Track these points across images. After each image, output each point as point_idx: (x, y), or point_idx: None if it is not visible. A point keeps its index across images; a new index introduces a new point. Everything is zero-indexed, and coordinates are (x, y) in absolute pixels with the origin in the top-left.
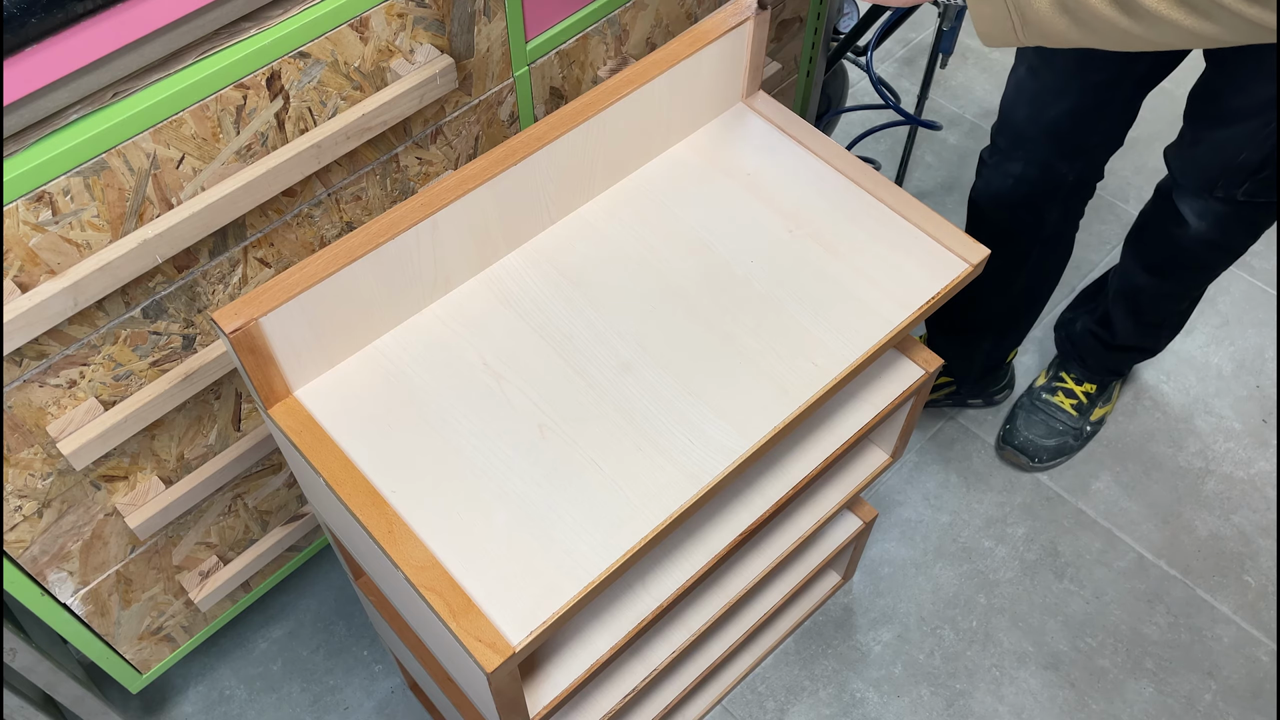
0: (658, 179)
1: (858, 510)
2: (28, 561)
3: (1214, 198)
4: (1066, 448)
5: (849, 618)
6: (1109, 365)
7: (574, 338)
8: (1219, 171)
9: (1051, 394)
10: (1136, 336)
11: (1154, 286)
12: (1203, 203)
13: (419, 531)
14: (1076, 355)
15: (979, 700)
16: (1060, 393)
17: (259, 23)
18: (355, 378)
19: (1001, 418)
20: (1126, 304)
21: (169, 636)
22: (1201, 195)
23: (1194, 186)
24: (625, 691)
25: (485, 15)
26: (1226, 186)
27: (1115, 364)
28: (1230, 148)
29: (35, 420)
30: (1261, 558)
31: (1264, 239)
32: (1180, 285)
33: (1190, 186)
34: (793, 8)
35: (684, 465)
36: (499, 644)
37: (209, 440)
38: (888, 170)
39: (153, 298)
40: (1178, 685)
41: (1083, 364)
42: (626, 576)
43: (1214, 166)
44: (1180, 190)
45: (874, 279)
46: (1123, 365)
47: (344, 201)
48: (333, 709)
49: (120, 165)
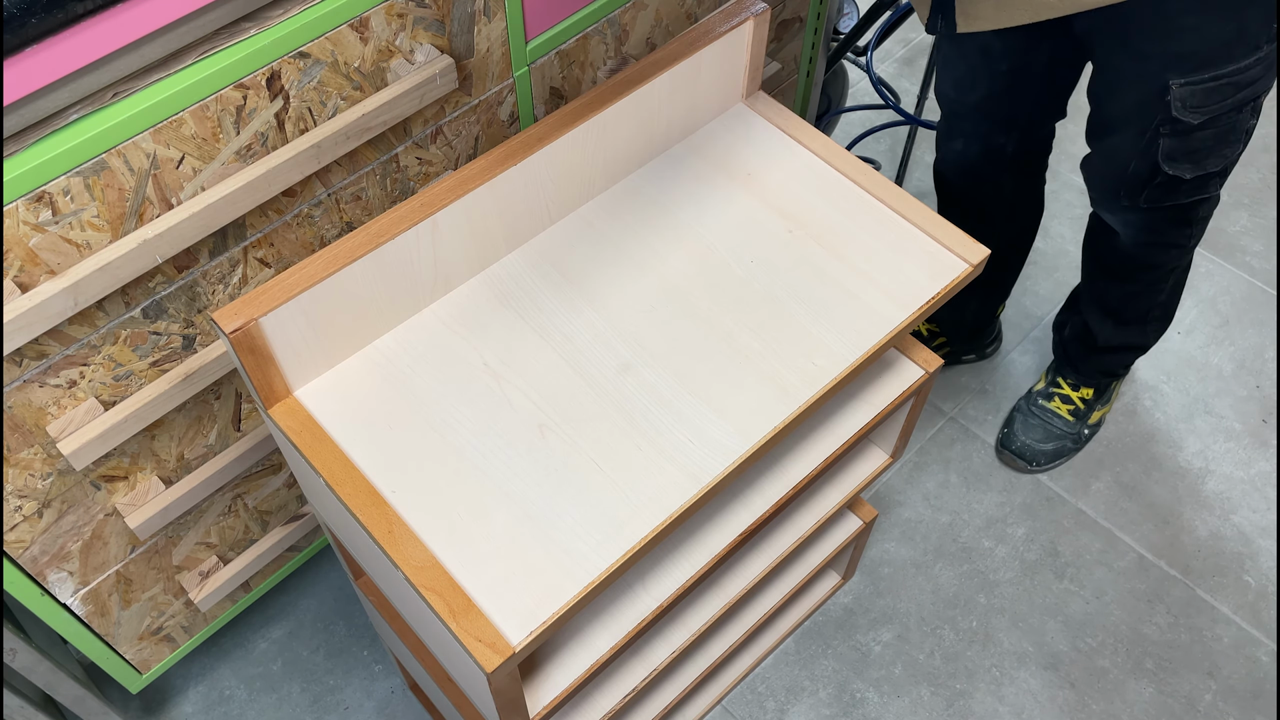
0: (658, 179)
1: (858, 510)
2: (28, 561)
3: (1122, 206)
4: (1064, 451)
5: (849, 618)
6: (1100, 368)
7: (574, 338)
8: (1116, 181)
9: (1048, 399)
10: (1121, 336)
11: (1119, 288)
12: (1118, 213)
13: (419, 531)
14: (1069, 360)
15: (979, 700)
16: (1057, 398)
17: (259, 23)
18: (355, 378)
19: (1001, 416)
20: (1100, 308)
21: (169, 636)
22: (1111, 206)
23: (1101, 197)
24: (625, 691)
25: (485, 15)
26: (1130, 195)
27: (1107, 365)
28: (1118, 157)
29: (35, 420)
30: (1261, 558)
31: (1264, 239)
32: (1142, 284)
33: (1099, 198)
34: (793, 8)
35: (684, 465)
36: (499, 644)
37: (209, 440)
38: (888, 170)
39: (153, 298)
40: (1178, 685)
41: (1076, 370)
42: (626, 576)
43: (1110, 176)
44: (1095, 201)
45: (874, 279)
46: (1115, 366)
47: (344, 201)
48: (333, 709)
49: (120, 165)
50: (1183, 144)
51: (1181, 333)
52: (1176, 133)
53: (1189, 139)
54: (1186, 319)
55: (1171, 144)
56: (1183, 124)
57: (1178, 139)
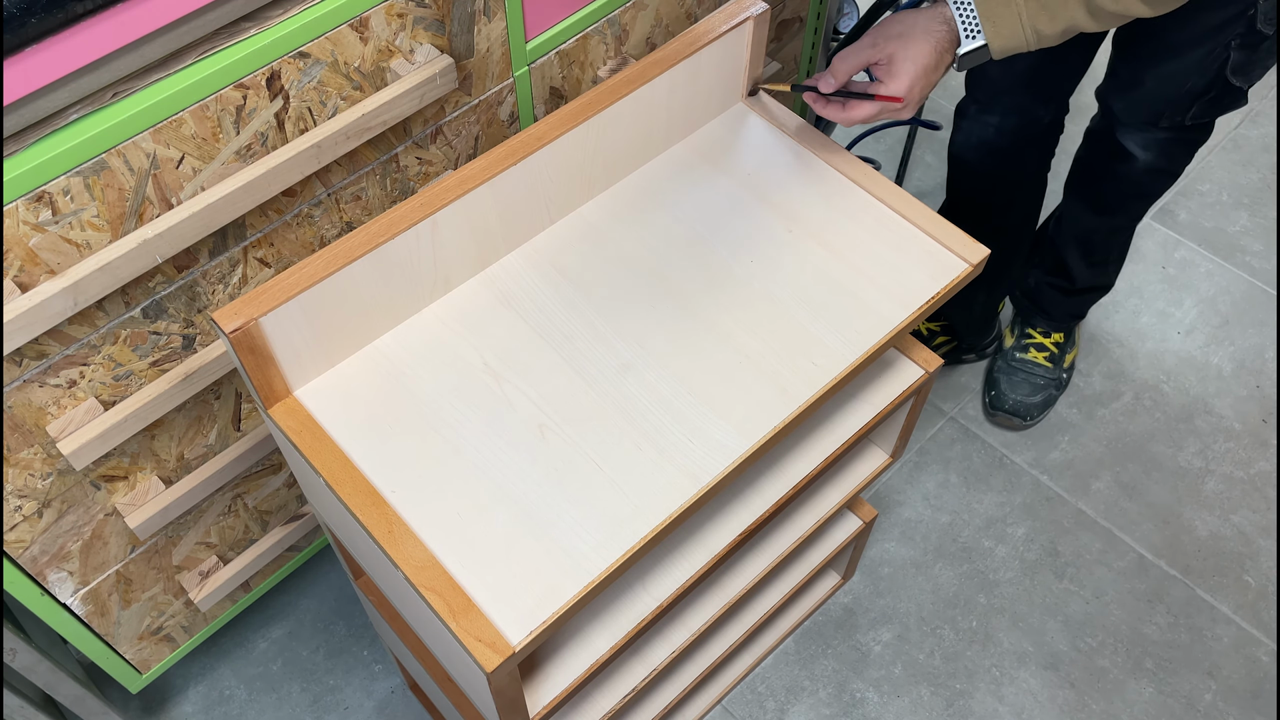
0: (658, 179)
1: (858, 510)
2: (28, 561)
3: (1159, 128)
4: (1051, 400)
5: (849, 618)
6: (1071, 311)
7: (574, 338)
8: (1164, 104)
9: (1024, 351)
10: (1091, 277)
11: (1104, 224)
12: (1147, 134)
13: (419, 531)
14: (1039, 309)
15: (979, 700)
16: (1032, 348)
17: (259, 23)
18: (355, 378)
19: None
20: (1079, 247)
21: (169, 636)
22: (1145, 128)
23: (1138, 122)
24: (625, 691)
25: (485, 15)
26: (1172, 115)
27: (1076, 308)
28: (1177, 79)
29: (35, 420)
30: (1261, 558)
31: (1264, 239)
32: (1126, 217)
33: (1134, 123)
34: (793, 8)
35: (684, 465)
36: (499, 644)
37: (209, 440)
38: (888, 170)
39: (153, 298)
40: (1178, 685)
41: (1047, 316)
42: (626, 576)
43: (1159, 100)
44: (1124, 127)
45: (874, 279)
46: (1082, 308)
47: (344, 201)
48: (333, 709)
49: (120, 165)
50: (1249, 57)
51: (1181, 333)
52: (1247, 45)
53: (1255, 51)
54: (1186, 319)
55: (1240, 57)
56: (1257, 35)
57: (1246, 51)
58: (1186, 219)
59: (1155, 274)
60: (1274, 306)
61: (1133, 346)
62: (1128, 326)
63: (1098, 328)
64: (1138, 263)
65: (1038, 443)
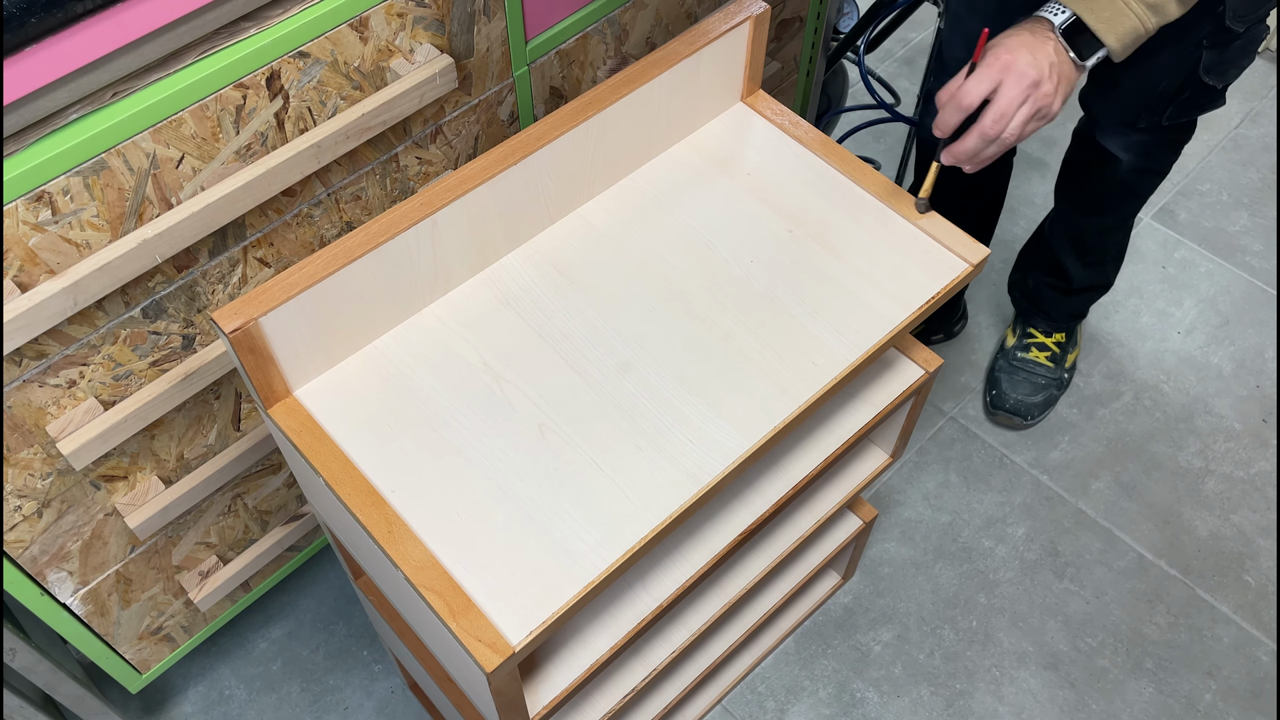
0: (658, 179)
1: (858, 510)
2: (27, 561)
3: (1137, 130)
4: (1052, 399)
5: (849, 618)
6: (1070, 310)
7: (574, 338)
8: (1140, 105)
9: (1025, 351)
10: (1089, 277)
11: (1094, 224)
12: (1127, 137)
13: (419, 531)
14: (1038, 310)
15: (979, 700)
16: (1034, 348)
17: (259, 22)
18: (355, 378)
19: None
20: (1074, 248)
21: (169, 636)
22: (1124, 130)
23: (1116, 124)
24: (625, 691)
25: (485, 15)
26: (1149, 116)
27: (1076, 308)
28: (1151, 78)
29: (35, 420)
30: (1261, 558)
31: (1264, 239)
32: (1117, 217)
33: (1112, 124)
34: (793, 8)
35: (684, 465)
36: (499, 644)
37: (209, 440)
38: (888, 170)
39: (152, 298)
40: (1178, 685)
41: (1047, 317)
42: (626, 576)
43: (1135, 101)
44: (1103, 129)
45: (874, 279)
46: (1084, 307)
47: (344, 201)
48: (333, 709)
49: (120, 165)
50: (1220, 56)
51: (1181, 333)
52: (1217, 44)
53: (1226, 50)
54: (1186, 319)
55: (1211, 56)
56: (1227, 34)
57: (1217, 50)
58: (1186, 219)
59: (1155, 274)
60: (1274, 306)
61: (1133, 346)
62: (1128, 326)
63: (1098, 327)
64: (1138, 263)
65: (1038, 443)
